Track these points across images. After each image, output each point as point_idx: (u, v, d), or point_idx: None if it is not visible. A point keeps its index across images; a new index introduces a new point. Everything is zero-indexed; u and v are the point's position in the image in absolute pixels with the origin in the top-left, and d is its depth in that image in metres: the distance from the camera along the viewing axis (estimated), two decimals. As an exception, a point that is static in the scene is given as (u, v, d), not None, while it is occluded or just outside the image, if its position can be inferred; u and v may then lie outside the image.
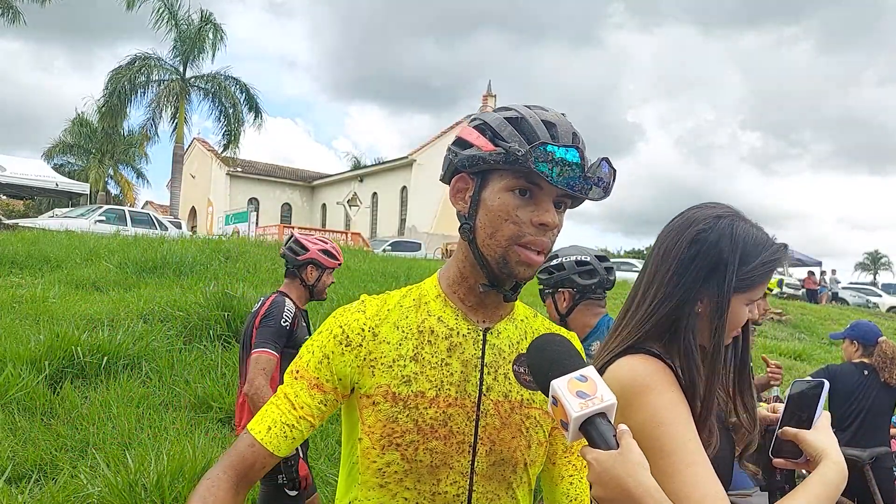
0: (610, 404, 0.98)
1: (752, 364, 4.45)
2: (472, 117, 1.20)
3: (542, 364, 1.04)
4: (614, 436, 0.97)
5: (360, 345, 1.17)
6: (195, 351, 6.31)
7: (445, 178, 1.22)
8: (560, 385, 0.99)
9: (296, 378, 1.19)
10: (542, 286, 2.77)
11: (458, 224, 1.20)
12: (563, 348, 1.06)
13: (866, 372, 4.22)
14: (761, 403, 4.23)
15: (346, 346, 1.17)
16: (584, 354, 1.29)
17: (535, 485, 1.28)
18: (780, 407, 1.30)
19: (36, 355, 5.53)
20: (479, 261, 1.17)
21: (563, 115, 1.18)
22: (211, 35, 26.23)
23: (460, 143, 1.18)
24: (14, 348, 5.60)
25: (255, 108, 27.10)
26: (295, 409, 1.17)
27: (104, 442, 4.65)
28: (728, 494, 3.54)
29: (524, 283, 1.18)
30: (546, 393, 1.02)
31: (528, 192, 1.12)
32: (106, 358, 5.75)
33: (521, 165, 1.08)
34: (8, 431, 4.67)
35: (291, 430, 1.16)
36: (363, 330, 1.18)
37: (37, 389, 5.12)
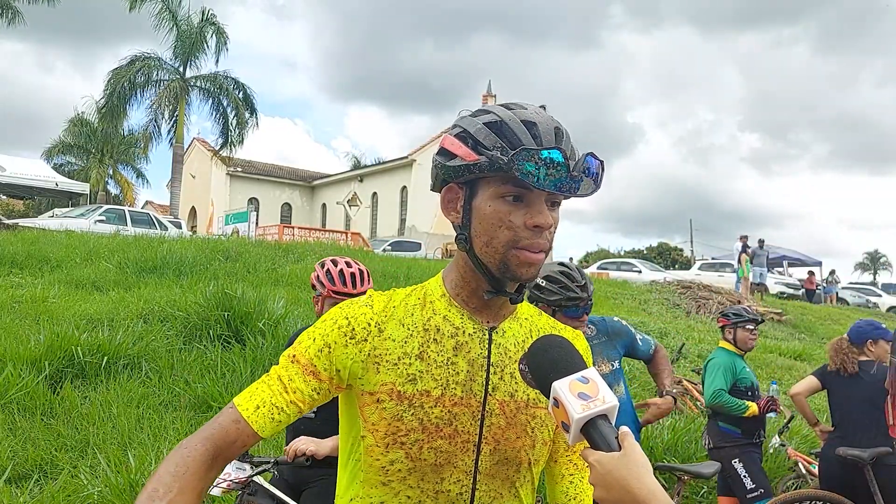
0: (611, 406, 0.97)
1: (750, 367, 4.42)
2: (453, 124, 1.19)
3: (544, 365, 1.04)
4: (616, 437, 0.96)
5: (365, 339, 1.16)
6: (195, 351, 6.30)
7: (435, 188, 1.22)
8: (561, 386, 0.99)
9: (292, 362, 1.17)
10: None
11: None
12: (564, 349, 1.05)
13: (859, 370, 4.23)
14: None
15: (350, 338, 1.16)
16: (589, 355, 1.29)
17: (538, 482, 1.28)
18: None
19: (36, 355, 5.53)
20: (480, 269, 1.16)
21: (543, 108, 1.16)
22: (214, 36, 26.25)
23: (444, 153, 1.17)
24: (14, 348, 5.59)
25: (251, 109, 27.11)
26: (287, 392, 1.14)
27: (104, 442, 4.65)
28: (681, 466, 3.54)
29: (528, 284, 1.17)
30: (547, 394, 1.02)
31: (519, 196, 1.11)
32: (106, 358, 5.74)
33: (506, 173, 1.08)
34: (8, 431, 4.67)
35: (280, 413, 1.14)
36: (369, 325, 1.17)
37: (37, 389, 5.11)
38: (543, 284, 2.85)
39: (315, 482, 2.69)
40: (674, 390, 3.35)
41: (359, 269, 2.81)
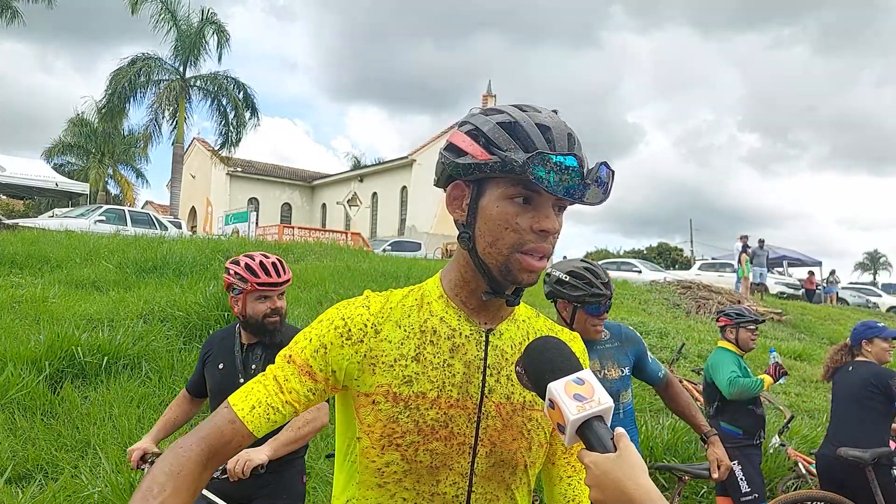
0: (607, 407, 0.97)
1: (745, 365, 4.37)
2: (463, 121, 1.17)
3: (539, 366, 1.04)
4: (612, 438, 0.97)
5: (362, 340, 1.15)
6: (195, 351, 6.30)
7: (439, 184, 1.20)
8: (557, 388, 0.99)
9: (288, 362, 1.16)
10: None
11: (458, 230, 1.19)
12: (560, 351, 1.05)
13: (850, 368, 4.26)
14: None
15: (346, 339, 1.15)
16: (586, 357, 1.29)
17: (534, 485, 1.28)
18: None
19: (36, 355, 5.53)
20: (481, 268, 1.15)
21: (555, 112, 1.15)
22: (215, 36, 26.25)
23: (453, 149, 1.15)
24: (14, 348, 5.60)
25: (252, 109, 27.12)
26: (282, 392, 1.14)
27: (105, 442, 4.65)
28: (681, 466, 3.48)
29: (526, 288, 1.17)
30: (543, 396, 1.02)
31: (527, 199, 1.10)
32: (106, 358, 5.75)
33: (518, 175, 1.07)
34: (8, 431, 4.67)
35: (275, 414, 1.13)
36: (366, 326, 1.16)
37: (37, 389, 5.12)
38: (567, 280, 2.80)
39: (263, 488, 2.59)
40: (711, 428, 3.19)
41: (277, 259, 2.73)
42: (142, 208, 29.15)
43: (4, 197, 28.86)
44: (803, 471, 5.28)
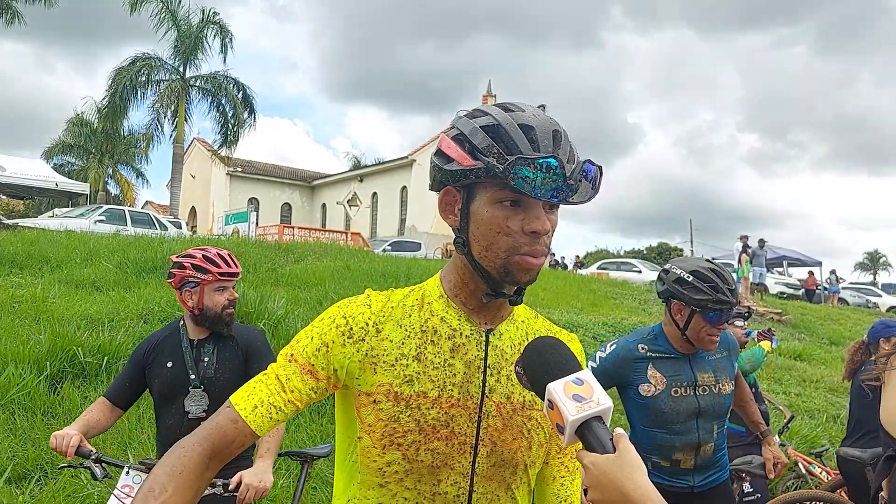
0: (606, 408, 0.97)
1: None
2: (451, 125, 1.18)
3: (538, 367, 1.04)
4: (611, 439, 0.97)
5: (363, 339, 1.15)
6: (195, 351, 6.30)
7: (433, 188, 1.21)
8: (556, 388, 0.99)
9: (289, 361, 1.17)
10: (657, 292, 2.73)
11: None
12: (559, 351, 1.05)
13: (863, 369, 4.26)
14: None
15: (348, 337, 1.15)
16: (583, 358, 1.29)
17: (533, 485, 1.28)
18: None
19: (37, 356, 5.53)
20: (479, 272, 1.16)
21: (542, 107, 1.15)
22: (217, 36, 26.26)
23: (441, 155, 1.16)
24: (14, 348, 5.60)
25: (250, 108, 27.13)
26: (285, 391, 1.14)
27: (104, 442, 4.65)
28: (735, 463, 3.34)
29: (526, 287, 1.18)
30: (542, 396, 1.02)
31: (517, 201, 1.10)
32: (106, 358, 5.74)
33: (501, 180, 1.08)
34: (8, 431, 4.67)
35: (277, 413, 1.14)
36: (367, 325, 1.16)
37: (37, 389, 5.12)
38: (689, 280, 2.52)
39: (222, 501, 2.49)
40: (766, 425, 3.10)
41: (228, 252, 2.77)
42: (142, 208, 29.15)
43: (4, 197, 28.86)
44: (803, 471, 5.28)
